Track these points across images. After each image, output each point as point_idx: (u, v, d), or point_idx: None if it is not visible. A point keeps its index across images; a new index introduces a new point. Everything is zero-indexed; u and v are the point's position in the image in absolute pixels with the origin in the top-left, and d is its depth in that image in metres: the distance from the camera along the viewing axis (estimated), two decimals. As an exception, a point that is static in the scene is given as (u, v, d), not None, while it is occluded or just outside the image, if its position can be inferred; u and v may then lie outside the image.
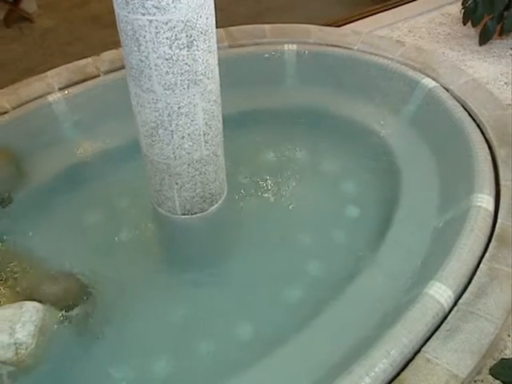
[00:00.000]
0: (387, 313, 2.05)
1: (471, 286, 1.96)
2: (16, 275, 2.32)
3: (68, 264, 2.27)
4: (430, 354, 1.78)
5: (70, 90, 2.89)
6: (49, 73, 3.03)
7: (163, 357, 2.15)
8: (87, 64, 3.07)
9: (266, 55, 3.11)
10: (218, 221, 2.26)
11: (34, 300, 1.99)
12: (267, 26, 3.29)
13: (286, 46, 3.12)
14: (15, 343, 1.85)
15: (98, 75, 3.00)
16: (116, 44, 3.20)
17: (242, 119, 2.83)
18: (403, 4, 4.07)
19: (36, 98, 2.88)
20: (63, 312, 2.07)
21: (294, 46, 3.12)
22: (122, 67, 2.94)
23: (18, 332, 1.86)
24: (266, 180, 2.72)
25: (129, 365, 2.13)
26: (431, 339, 1.83)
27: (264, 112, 3.00)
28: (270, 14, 4.76)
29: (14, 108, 2.84)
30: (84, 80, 2.97)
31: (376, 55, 3.03)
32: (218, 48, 1.94)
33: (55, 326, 2.01)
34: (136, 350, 2.18)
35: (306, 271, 2.42)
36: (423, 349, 1.80)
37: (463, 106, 2.66)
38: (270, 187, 2.69)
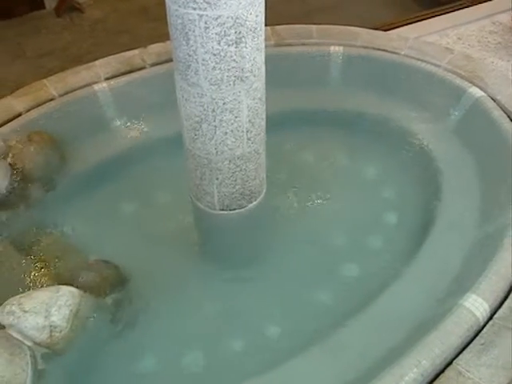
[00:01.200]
0: (421, 322, 2.02)
1: (508, 300, 1.93)
2: (54, 259, 2.36)
3: (105, 252, 2.29)
4: (462, 366, 1.75)
5: (116, 80, 2.93)
6: (97, 62, 3.08)
7: (192, 350, 2.17)
8: (134, 55, 3.11)
9: (312, 56, 3.10)
10: (255, 218, 2.26)
11: (71, 285, 2.02)
12: (314, 27, 3.28)
13: (332, 48, 3.11)
14: (50, 326, 1.88)
15: (144, 67, 3.03)
16: (162, 37, 3.25)
17: (282, 119, 2.83)
18: (453, 11, 4.02)
19: (83, 87, 2.93)
20: (98, 299, 2.10)
21: (341, 48, 3.10)
22: (168, 60, 2.99)
23: (54, 315, 1.89)
24: (304, 181, 2.72)
25: (158, 356, 2.15)
26: (464, 352, 1.80)
27: (305, 113, 2.99)
28: (317, 15, 4.75)
29: (61, 95, 2.90)
30: (130, 71, 3.00)
31: (423, 61, 2.99)
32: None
33: (90, 312, 2.04)
34: (166, 341, 2.19)
35: (339, 274, 2.41)
36: (455, 361, 1.77)
37: (510, 118, 2.62)
38: (307, 188, 2.68)
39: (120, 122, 2.89)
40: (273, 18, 2.95)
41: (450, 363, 1.78)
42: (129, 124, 2.87)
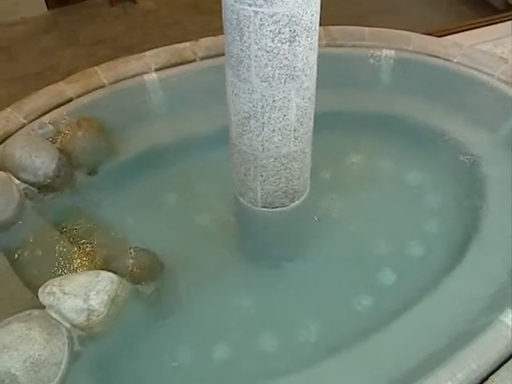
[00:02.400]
0: (458, 334, 1.99)
1: (550, 320, 1.89)
2: (94, 244, 2.40)
3: (145, 241, 2.32)
4: (497, 383, 1.73)
5: (165, 72, 2.96)
6: (147, 53, 3.11)
7: (224, 344, 2.17)
8: (185, 48, 3.13)
9: (362, 58, 3.08)
10: (296, 218, 2.26)
11: (110, 271, 2.04)
12: (367, 29, 3.26)
13: (384, 51, 3.08)
14: (88, 309, 1.91)
15: (195, 60, 3.05)
16: (213, 31, 3.27)
17: (328, 119, 2.81)
18: (510, 19, 3.94)
19: (132, 76, 2.96)
20: (136, 286, 2.12)
21: (392, 52, 3.07)
22: (218, 55, 3.01)
23: (92, 299, 1.92)
24: (348, 183, 2.70)
25: (189, 346, 2.17)
26: (501, 369, 1.77)
27: (351, 115, 2.97)
28: (370, 17, 4.72)
29: (111, 83, 2.94)
30: (180, 63, 3.03)
31: (476, 70, 2.94)
32: (316, 46, 1.93)
33: (127, 299, 2.06)
34: (198, 333, 2.21)
35: (377, 280, 2.38)
36: (491, 377, 1.74)
37: None
38: (350, 191, 2.67)
39: (167, 113, 2.91)
40: (326, 18, 2.94)
41: (485, 379, 1.75)
42: (176, 116, 2.88)
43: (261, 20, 1.72)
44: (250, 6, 1.70)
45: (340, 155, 2.84)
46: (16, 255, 2.35)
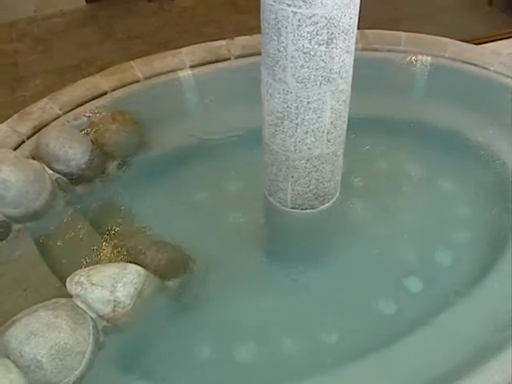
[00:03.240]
0: (482, 346, 1.97)
1: None
2: (123, 236, 2.42)
3: (173, 236, 2.33)
4: (521, 397, 1.71)
5: (200, 69, 2.98)
6: (183, 49, 3.13)
7: (246, 343, 2.17)
8: (220, 46, 3.15)
9: (398, 63, 3.06)
10: (325, 220, 2.25)
11: (137, 264, 2.06)
12: (403, 34, 3.23)
13: (419, 57, 3.05)
14: (114, 301, 1.93)
15: (229, 58, 3.07)
16: (249, 30, 3.28)
17: (360, 123, 2.79)
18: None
19: (167, 72, 3.00)
20: (162, 281, 2.14)
21: (428, 58, 3.05)
22: (253, 54, 3.02)
23: (119, 291, 1.93)
24: (378, 188, 2.68)
25: (211, 344, 2.17)
26: (525, 383, 1.75)
27: (384, 120, 2.95)
28: (406, 22, 4.67)
29: (146, 78, 2.97)
30: (215, 61, 3.05)
31: (513, 79, 2.90)
32: (351, 49, 1.93)
33: (152, 292, 2.07)
34: (220, 330, 2.21)
35: (402, 287, 2.36)
36: (515, 391, 1.73)
37: None
38: (380, 196, 2.65)
39: (201, 110, 2.93)
40: (362, 21, 2.93)
41: (509, 392, 1.73)
42: (209, 113, 2.90)
43: (299, 21, 1.71)
44: (289, 6, 1.69)
45: (372, 160, 2.83)
46: (46, 244, 2.39)
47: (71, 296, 1.97)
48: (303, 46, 1.76)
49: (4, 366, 1.74)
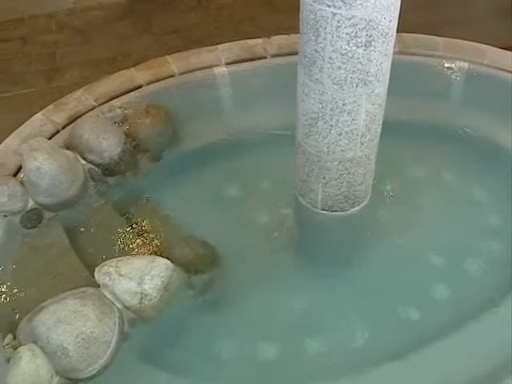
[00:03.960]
0: (507, 361, 1.94)
1: None
2: (152, 230, 2.44)
3: (201, 232, 2.34)
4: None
5: (236, 67, 2.98)
6: (219, 46, 3.14)
7: (268, 342, 2.17)
8: (257, 44, 3.15)
9: (434, 68, 3.02)
10: (354, 223, 2.25)
11: (166, 258, 2.07)
12: (441, 39, 3.20)
13: (456, 63, 3.02)
14: (141, 293, 1.94)
15: (265, 57, 3.06)
16: (286, 30, 3.27)
17: (393, 127, 2.77)
18: None
19: (203, 68, 3.00)
20: (189, 276, 2.15)
21: (466, 64, 3.01)
22: (289, 53, 3.01)
23: (146, 283, 1.95)
24: (410, 194, 2.65)
25: (234, 342, 2.17)
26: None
27: (417, 125, 2.92)
28: (444, 27, 4.62)
29: (181, 74, 2.99)
30: (251, 59, 3.04)
31: (552, 89, 2.85)
32: (388, 52, 1.91)
33: (179, 287, 2.09)
34: (245, 328, 2.21)
35: (429, 294, 2.33)
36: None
37: None
38: (411, 202, 2.62)
39: (234, 107, 2.93)
40: (399, 24, 2.91)
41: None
42: (242, 111, 2.90)
43: (338, 22, 1.71)
44: (329, 7, 1.69)
45: (404, 165, 2.80)
46: (75, 233, 2.42)
47: (99, 286, 1.99)
48: (341, 47, 1.75)
49: (31, 351, 1.78)
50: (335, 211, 2.18)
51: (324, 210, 2.18)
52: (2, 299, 2.15)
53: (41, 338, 1.80)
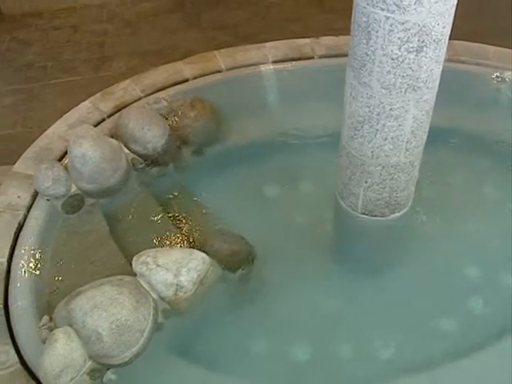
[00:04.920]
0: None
1: None
2: (190, 223, 2.45)
3: (240, 228, 2.34)
4: None
5: (282, 65, 2.98)
6: (267, 44, 3.15)
7: (300, 343, 2.16)
8: (305, 44, 3.14)
9: (484, 77, 2.97)
10: (394, 230, 2.23)
11: (203, 251, 2.09)
12: (492, 48, 3.14)
13: (506, 73, 2.96)
14: (177, 285, 1.96)
15: (313, 57, 3.06)
16: (334, 31, 3.26)
17: (439, 135, 2.73)
18: None
19: (250, 65, 3.02)
20: (225, 271, 2.16)
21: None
22: (338, 55, 3.00)
23: (183, 276, 1.96)
24: (451, 203, 2.61)
25: (266, 340, 2.17)
26: None
27: (463, 133, 2.87)
28: (493, 35, 4.54)
29: (228, 69, 3.01)
30: (299, 59, 3.04)
31: None
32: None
33: (214, 281, 2.10)
34: (276, 327, 2.21)
35: (463, 306, 2.30)
36: None
37: None
38: (453, 211, 2.58)
39: (279, 106, 2.93)
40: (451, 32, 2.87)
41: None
42: (287, 110, 2.89)
43: (391, 26, 1.69)
44: (382, 10, 1.67)
45: (448, 173, 2.75)
46: (115, 220, 2.45)
47: (135, 275, 2.01)
48: (392, 51, 1.74)
49: (67, 333, 1.81)
50: (375, 216, 2.16)
51: (364, 214, 2.17)
52: (41, 281, 2.18)
53: (77, 321, 1.83)
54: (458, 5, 1.74)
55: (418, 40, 1.71)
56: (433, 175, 2.63)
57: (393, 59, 1.75)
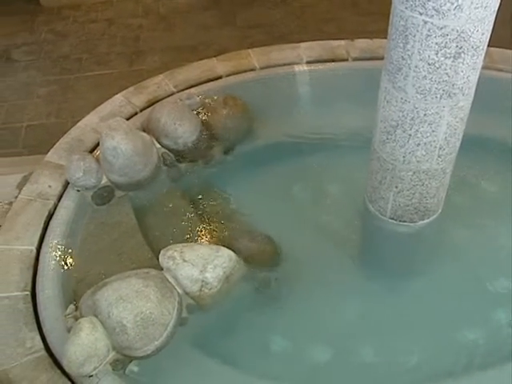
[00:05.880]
0: None
1: None
2: (218, 220, 2.46)
3: (267, 227, 2.34)
4: None
5: (316, 66, 2.98)
6: (302, 44, 3.14)
7: (320, 346, 2.15)
8: (339, 46, 3.13)
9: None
10: (422, 236, 2.20)
11: (230, 249, 2.08)
12: (530, 56, 3.10)
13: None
14: (202, 281, 1.97)
15: (347, 59, 3.05)
16: (368, 33, 3.25)
17: (471, 142, 2.70)
18: None
19: (283, 65, 3.02)
20: (251, 270, 2.16)
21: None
22: (372, 58, 2.99)
23: (209, 272, 1.97)
24: (481, 212, 2.58)
25: (286, 340, 2.16)
26: None
27: (494, 141, 2.83)
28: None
29: (262, 68, 3.01)
30: (332, 60, 3.03)
31: None
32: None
33: (240, 280, 2.11)
34: (298, 328, 2.20)
35: (491, 318, 2.27)
36: None
37: None
38: (482, 220, 2.54)
39: (311, 107, 2.92)
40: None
41: None
42: (318, 111, 2.89)
43: (429, 31, 1.68)
44: (421, 14, 1.66)
45: (479, 181, 2.72)
46: (143, 214, 2.47)
47: (162, 269, 2.02)
48: (429, 56, 1.73)
49: (92, 323, 1.83)
50: (404, 222, 2.15)
51: (392, 219, 2.16)
52: (68, 270, 2.21)
53: (102, 312, 1.85)
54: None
55: (456, 46, 1.70)
56: (464, 182, 2.60)
57: (429, 64, 1.74)
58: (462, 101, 1.85)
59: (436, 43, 1.70)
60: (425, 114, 1.85)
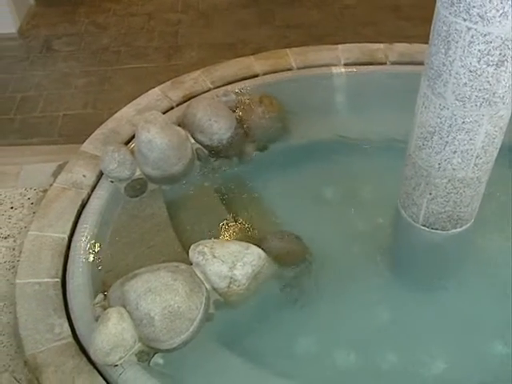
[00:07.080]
0: None
1: None
2: (248, 217, 2.46)
3: (296, 227, 2.33)
4: None
5: (354, 68, 2.97)
6: (340, 46, 3.14)
7: (345, 349, 2.14)
8: (378, 49, 3.12)
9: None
10: (454, 245, 2.18)
11: (259, 247, 2.09)
12: None
13: None
14: (231, 277, 1.97)
15: (385, 63, 3.03)
16: (407, 38, 3.23)
17: (507, 151, 2.67)
18: None
19: (321, 66, 3.02)
20: (279, 269, 2.16)
21: None
22: (410, 63, 2.97)
23: (237, 269, 1.98)
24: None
25: (311, 341, 2.16)
26: None
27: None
28: None
29: (299, 68, 3.02)
30: (370, 63, 3.03)
31: None
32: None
33: (268, 278, 2.11)
34: (324, 331, 2.20)
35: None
36: None
37: None
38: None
39: (346, 109, 2.92)
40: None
41: None
42: (354, 114, 2.88)
43: (472, 37, 1.66)
44: (465, 20, 1.64)
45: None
46: (175, 208, 2.49)
47: (191, 263, 2.03)
48: (471, 63, 1.71)
49: (120, 314, 1.84)
50: (436, 229, 2.12)
51: (424, 226, 2.13)
52: (98, 260, 2.24)
53: (130, 303, 1.87)
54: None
55: (500, 54, 1.67)
56: (501, 192, 2.56)
57: (471, 71, 1.72)
58: (503, 110, 1.82)
59: (479, 50, 1.68)
60: (463, 122, 1.82)
